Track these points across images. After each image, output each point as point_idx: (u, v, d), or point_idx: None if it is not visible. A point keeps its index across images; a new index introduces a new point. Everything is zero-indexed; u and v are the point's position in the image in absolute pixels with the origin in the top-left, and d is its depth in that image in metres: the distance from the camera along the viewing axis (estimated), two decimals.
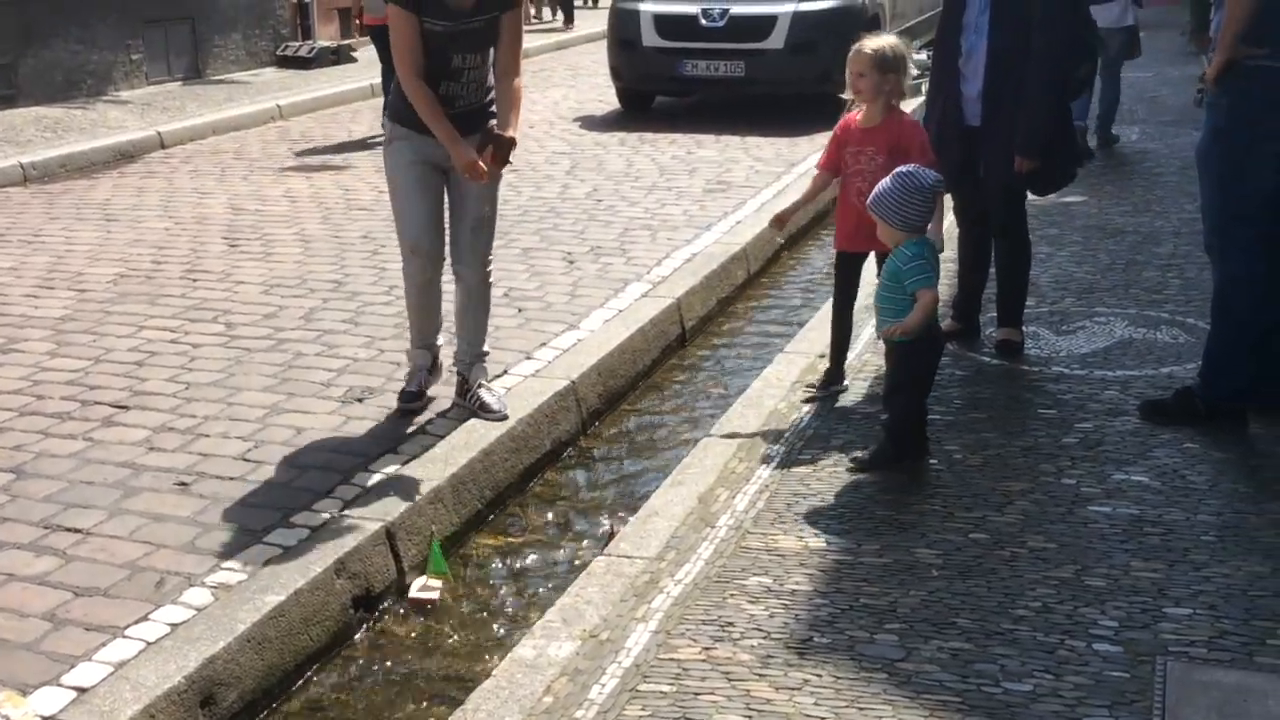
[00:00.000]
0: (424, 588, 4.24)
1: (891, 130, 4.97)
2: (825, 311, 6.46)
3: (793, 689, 3.35)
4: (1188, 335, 5.79)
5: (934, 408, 4.85)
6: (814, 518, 4.27)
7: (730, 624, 3.67)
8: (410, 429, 5.00)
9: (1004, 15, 5.28)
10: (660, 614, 3.73)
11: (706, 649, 3.55)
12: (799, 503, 4.39)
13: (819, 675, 3.40)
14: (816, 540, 4.13)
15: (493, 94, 4.84)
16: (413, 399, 5.09)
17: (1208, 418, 4.79)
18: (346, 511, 4.33)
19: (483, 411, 5.01)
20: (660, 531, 4.22)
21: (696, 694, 3.34)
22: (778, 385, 5.49)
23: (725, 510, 4.37)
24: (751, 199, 8.77)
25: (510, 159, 4.73)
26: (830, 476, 4.57)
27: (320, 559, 4.03)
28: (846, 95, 5.06)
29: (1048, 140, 5.30)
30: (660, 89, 12.74)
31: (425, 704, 3.73)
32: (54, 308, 6.37)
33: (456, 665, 3.91)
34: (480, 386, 5.09)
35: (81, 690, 3.34)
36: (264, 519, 4.24)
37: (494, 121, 4.76)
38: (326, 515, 4.30)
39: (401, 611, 4.18)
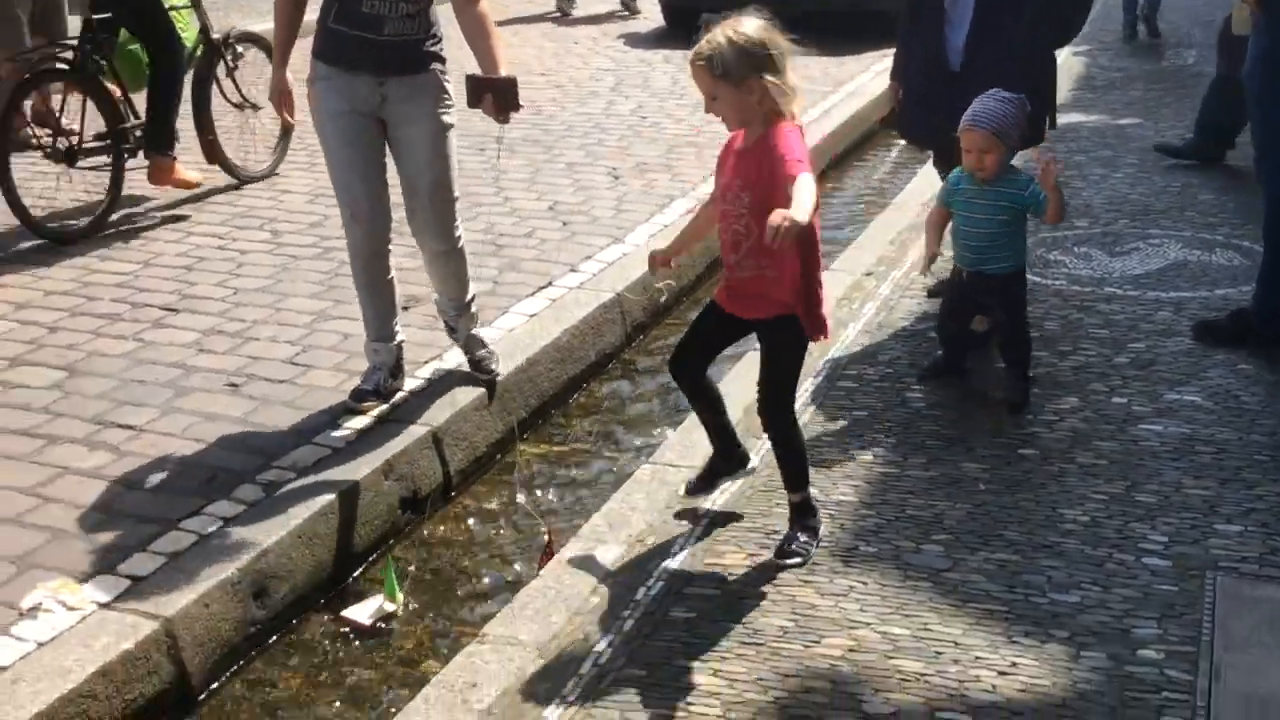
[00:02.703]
0: (377, 613, 3.66)
1: (762, 154, 3.33)
2: (873, 229, 6.43)
3: (838, 595, 3.36)
4: (1243, 258, 5.70)
5: None
6: (860, 431, 4.27)
7: (775, 532, 3.67)
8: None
9: None
10: (706, 521, 3.74)
11: (751, 555, 3.56)
12: (844, 416, 4.38)
13: (864, 583, 3.41)
14: (863, 454, 4.12)
15: (439, 39, 4.22)
16: (364, 396, 4.33)
17: (1261, 340, 4.72)
18: (394, 416, 4.36)
19: (475, 368, 4.58)
20: (705, 442, 4.20)
21: (741, 598, 3.36)
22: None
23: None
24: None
25: (519, 102, 4.06)
26: (877, 391, 4.55)
27: (369, 460, 4.06)
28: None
29: (1035, 86, 4.77)
30: (706, 5, 12.50)
31: (472, 603, 3.77)
32: None
33: (503, 568, 3.95)
34: (473, 339, 4.60)
35: (136, 579, 3.40)
36: (313, 421, 4.26)
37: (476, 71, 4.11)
38: (374, 419, 4.33)
39: (449, 514, 4.22)
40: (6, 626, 3.17)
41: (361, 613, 3.66)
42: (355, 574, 3.85)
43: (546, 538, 3.92)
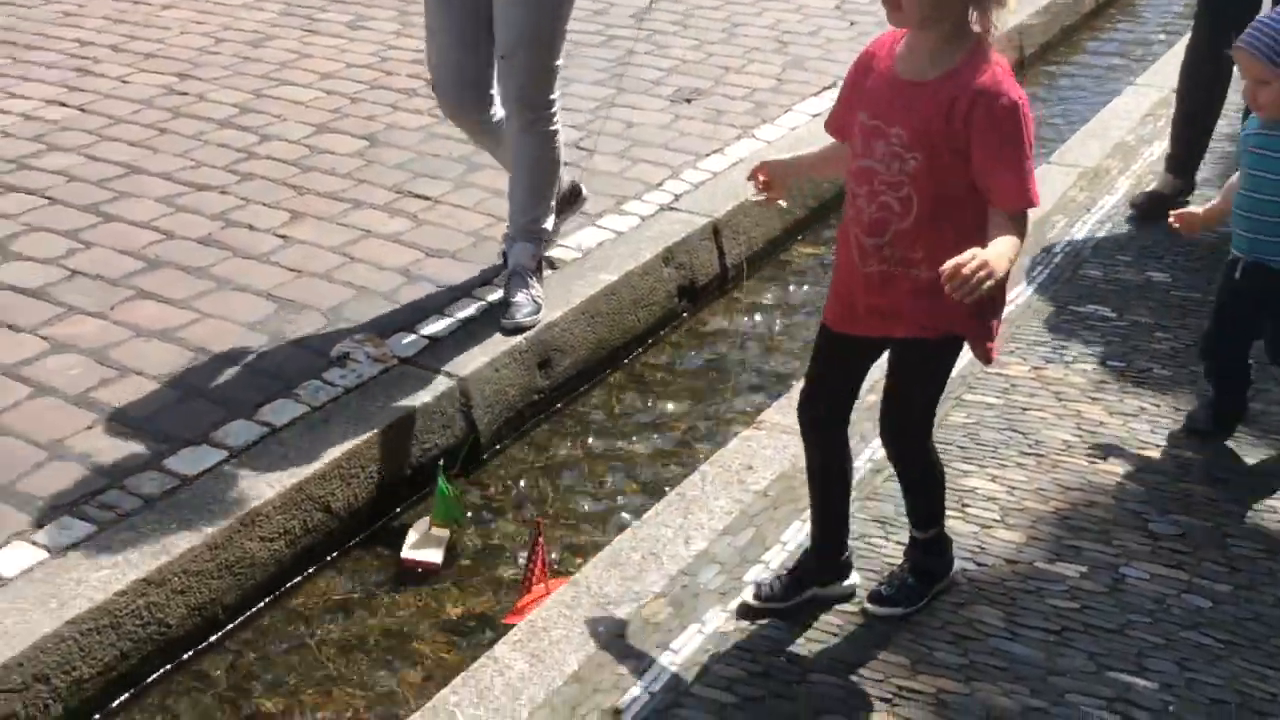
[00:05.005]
0: (424, 540, 3.09)
1: (957, 104, 2.22)
2: (1182, 46, 5.97)
3: (1127, 415, 3.26)
4: None
5: None
6: (1160, 252, 4.06)
7: (1063, 347, 3.57)
8: (736, 132, 4.97)
9: None
10: None
11: (1036, 369, 3.47)
12: (1143, 237, 4.17)
13: (1157, 405, 3.29)
14: (1160, 274, 3.93)
15: None
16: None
17: None
18: (675, 205, 4.39)
19: (504, 315, 3.61)
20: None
21: (1024, 409, 3.30)
22: (1126, 117, 5.18)
23: (1062, 237, 4.20)
24: None
25: None
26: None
27: (650, 246, 4.12)
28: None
29: None
30: None
31: (744, 392, 3.82)
32: None
33: (776, 359, 3.97)
34: (515, 277, 3.67)
35: (432, 340, 3.57)
36: (598, 204, 4.33)
37: None
38: (656, 206, 4.37)
39: (723, 305, 4.26)
40: (317, 371, 3.39)
41: (425, 553, 3.07)
42: (633, 354, 3.95)
43: (539, 523, 2.99)
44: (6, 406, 3.18)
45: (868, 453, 3.05)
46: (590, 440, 3.58)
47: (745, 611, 2.63)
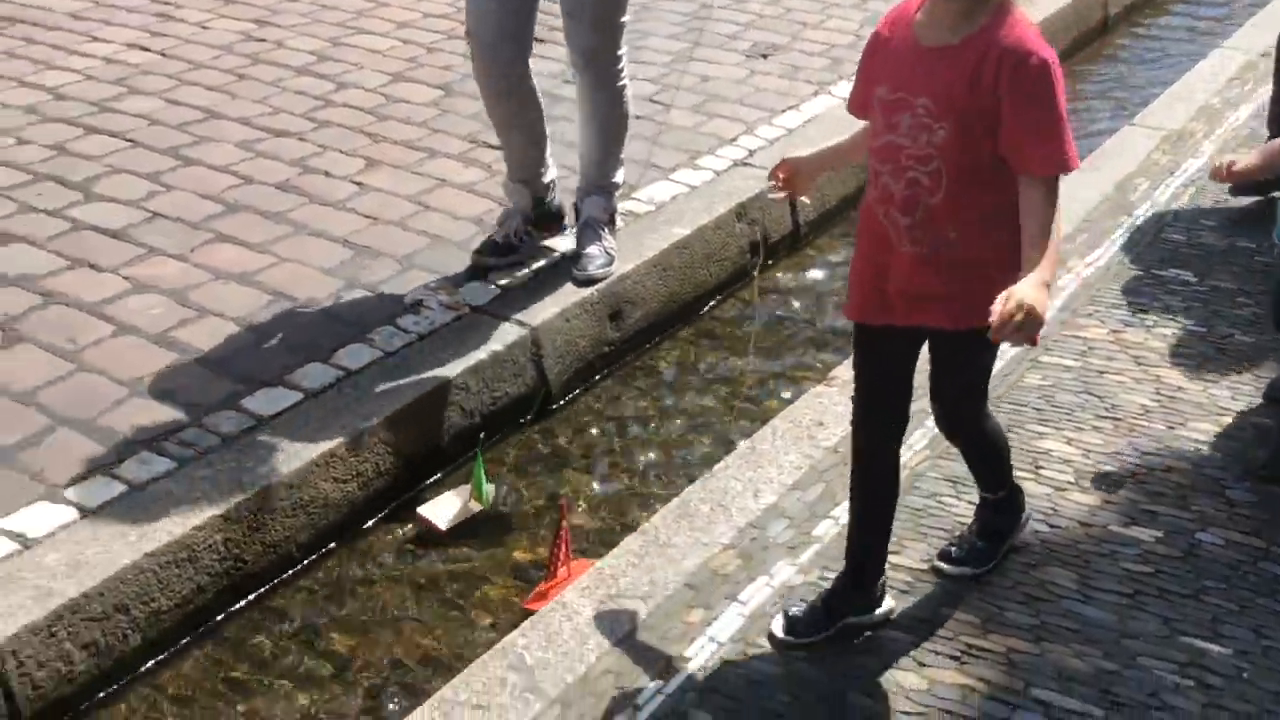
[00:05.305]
0: (461, 510, 3.05)
1: (984, 67, 2.09)
2: (1271, 7, 5.84)
3: (1207, 380, 3.21)
4: None
5: None
6: (1243, 218, 3.98)
7: (1143, 311, 3.51)
8: (812, 89, 4.92)
9: None
10: (1066, 293, 3.61)
11: (1115, 332, 3.42)
12: (1229, 201, 4.08)
13: (1237, 371, 3.24)
14: (1245, 241, 3.85)
15: None
16: (492, 250, 3.64)
17: None
18: (749, 160, 4.36)
19: (576, 266, 3.63)
20: (1073, 214, 4.02)
21: (1102, 372, 3.26)
22: (1211, 80, 5.06)
23: (1144, 200, 4.13)
24: None
25: None
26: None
27: (724, 201, 4.10)
28: None
29: None
30: None
31: (814, 348, 3.80)
32: None
33: (845, 322, 3.94)
34: (588, 229, 3.67)
35: (504, 289, 3.58)
36: (672, 159, 4.32)
37: None
38: (730, 162, 4.34)
39: (795, 262, 4.23)
40: (392, 317, 3.42)
41: (439, 514, 3.04)
42: (706, 308, 3.94)
43: (562, 507, 2.91)
44: (89, 344, 3.24)
45: None
46: (659, 393, 3.59)
47: (775, 645, 2.44)
